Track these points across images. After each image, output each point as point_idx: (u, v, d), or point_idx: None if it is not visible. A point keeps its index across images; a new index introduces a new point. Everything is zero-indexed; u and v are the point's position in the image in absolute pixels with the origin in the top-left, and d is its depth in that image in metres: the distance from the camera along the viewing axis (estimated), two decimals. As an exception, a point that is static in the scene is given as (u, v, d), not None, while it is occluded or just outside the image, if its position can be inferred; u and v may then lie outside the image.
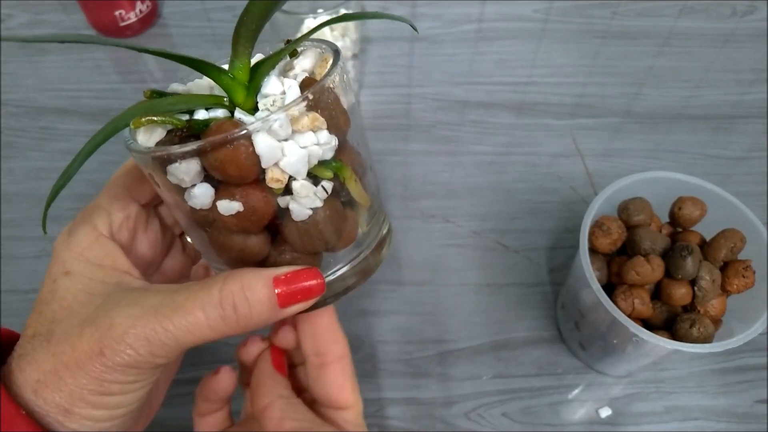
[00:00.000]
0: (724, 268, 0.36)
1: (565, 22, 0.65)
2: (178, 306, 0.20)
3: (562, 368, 0.42)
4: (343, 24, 0.48)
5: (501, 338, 0.43)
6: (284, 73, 0.22)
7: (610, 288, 0.37)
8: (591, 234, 0.37)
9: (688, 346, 0.32)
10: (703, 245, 0.37)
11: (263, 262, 0.22)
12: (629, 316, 0.34)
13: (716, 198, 0.38)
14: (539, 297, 0.45)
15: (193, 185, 0.19)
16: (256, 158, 0.19)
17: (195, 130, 0.20)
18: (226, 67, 0.22)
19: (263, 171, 0.19)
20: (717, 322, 0.36)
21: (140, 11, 0.61)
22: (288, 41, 0.23)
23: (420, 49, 0.62)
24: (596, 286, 0.34)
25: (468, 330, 0.44)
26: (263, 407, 0.25)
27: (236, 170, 0.19)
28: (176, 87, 0.23)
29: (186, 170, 0.19)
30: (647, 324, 0.36)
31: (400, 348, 0.43)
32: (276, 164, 0.19)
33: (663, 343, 0.32)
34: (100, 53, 0.62)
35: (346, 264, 0.24)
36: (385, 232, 0.26)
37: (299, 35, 0.48)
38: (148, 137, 0.20)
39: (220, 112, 0.21)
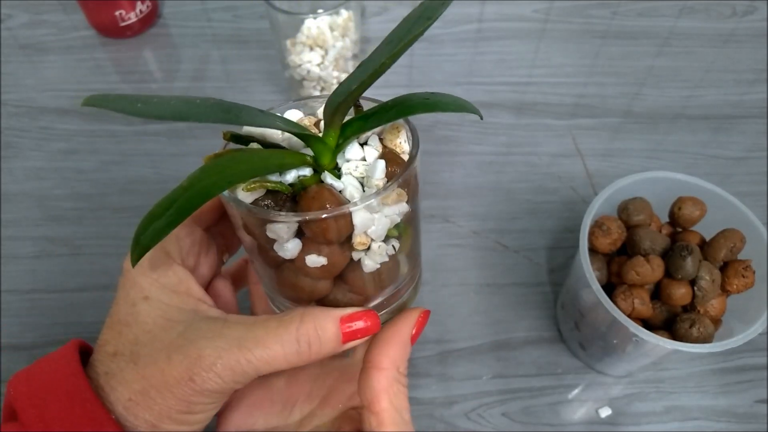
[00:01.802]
0: (724, 268, 0.36)
1: (565, 22, 0.65)
2: (259, 340, 0.22)
3: (562, 368, 0.42)
4: (342, 24, 0.48)
5: (501, 338, 0.43)
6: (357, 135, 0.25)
7: (610, 288, 0.37)
8: (591, 234, 0.37)
9: (688, 346, 0.32)
10: (703, 245, 0.37)
11: (322, 299, 0.25)
12: (629, 316, 0.34)
13: (716, 198, 0.38)
14: (539, 297, 0.45)
15: (287, 240, 0.22)
16: (352, 228, 0.22)
17: (294, 191, 0.22)
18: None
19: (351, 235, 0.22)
20: (717, 322, 0.36)
21: (140, 11, 0.61)
22: (359, 108, 0.26)
23: (420, 49, 0.62)
24: (596, 286, 0.34)
25: (468, 330, 0.44)
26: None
27: (334, 236, 0.22)
28: (249, 129, 0.25)
29: (286, 230, 0.21)
30: (647, 324, 0.36)
31: (400, 348, 0.43)
32: (364, 231, 0.22)
33: (663, 343, 0.32)
34: (100, 53, 0.62)
35: (386, 300, 0.27)
36: (419, 271, 0.30)
37: (299, 34, 0.48)
38: (248, 194, 0.22)
39: (307, 171, 0.23)
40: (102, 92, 0.60)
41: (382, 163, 0.24)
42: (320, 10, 0.47)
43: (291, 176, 0.23)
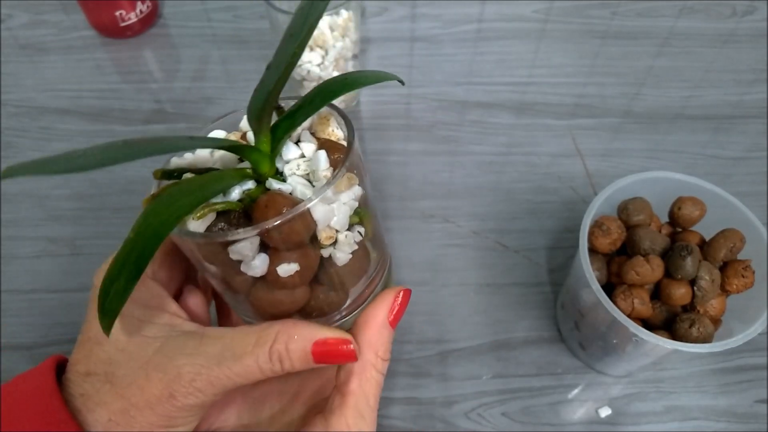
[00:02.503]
0: (724, 268, 0.36)
1: (565, 22, 0.65)
2: (237, 357, 0.22)
3: (562, 368, 0.42)
4: (342, 24, 0.48)
5: (501, 338, 0.43)
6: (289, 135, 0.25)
7: (609, 288, 0.37)
8: (591, 234, 0.37)
9: (688, 346, 0.32)
10: (703, 245, 0.37)
11: (304, 307, 0.25)
12: (629, 316, 0.34)
13: (716, 198, 0.38)
14: (539, 297, 0.45)
15: (253, 257, 0.21)
16: (314, 224, 0.21)
17: (244, 207, 0.22)
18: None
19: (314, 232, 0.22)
20: (717, 322, 0.36)
21: (140, 11, 0.61)
22: (281, 109, 0.25)
23: (420, 49, 0.62)
24: (596, 286, 0.34)
25: (468, 330, 0.44)
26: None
27: (298, 238, 0.21)
28: (177, 161, 0.24)
29: (250, 247, 0.21)
30: (647, 324, 0.36)
31: (400, 348, 0.43)
32: (327, 225, 0.22)
33: (663, 343, 0.32)
34: (100, 53, 0.62)
35: (365, 291, 0.27)
36: (388, 254, 0.29)
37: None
38: (199, 223, 0.21)
39: (250, 184, 0.23)
40: (102, 92, 0.60)
41: (323, 153, 0.23)
42: (320, 10, 0.47)
43: (236, 193, 0.22)
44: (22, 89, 0.58)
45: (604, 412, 0.40)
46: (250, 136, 0.24)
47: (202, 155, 0.25)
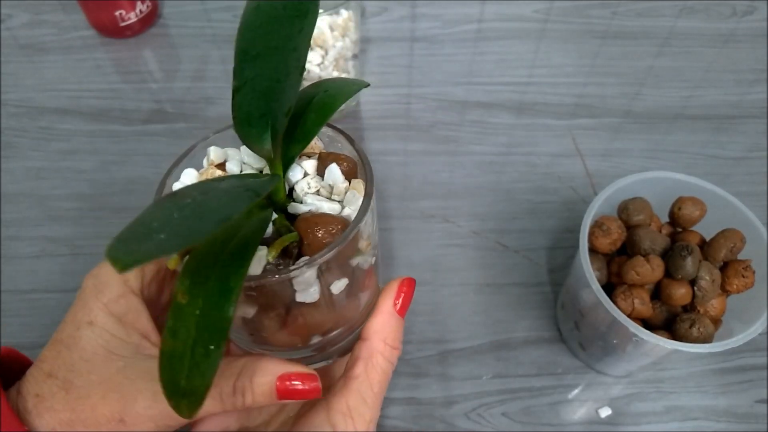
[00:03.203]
0: (724, 268, 0.36)
1: (565, 22, 0.65)
2: None
3: (562, 368, 0.42)
4: (342, 24, 0.48)
5: (501, 338, 0.43)
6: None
7: (609, 288, 0.37)
8: (591, 234, 0.37)
9: (688, 346, 0.32)
10: (703, 245, 0.37)
11: (348, 320, 0.26)
12: (629, 316, 0.34)
13: (716, 198, 0.38)
14: (539, 297, 0.45)
15: (313, 283, 0.22)
16: (359, 236, 0.22)
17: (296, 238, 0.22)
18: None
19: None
20: (717, 322, 0.36)
21: (140, 11, 0.61)
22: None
23: (420, 49, 0.62)
24: (596, 286, 0.34)
25: (468, 330, 0.44)
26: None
27: (351, 253, 0.22)
28: (212, 152, 0.24)
29: (312, 274, 0.21)
30: (647, 324, 0.36)
31: (400, 348, 0.43)
32: (368, 234, 0.23)
33: (663, 343, 0.32)
34: (100, 53, 0.62)
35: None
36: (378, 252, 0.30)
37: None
38: (258, 264, 0.21)
39: (271, 213, 0.22)
40: (102, 92, 0.59)
41: (335, 166, 0.23)
42: (320, 10, 0.47)
43: (270, 228, 0.22)
44: (22, 89, 0.58)
45: (605, 412, 0.40)
46: (231, 166, 0.23)
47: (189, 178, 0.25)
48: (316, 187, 0.23)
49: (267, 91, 0.21)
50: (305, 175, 0.24)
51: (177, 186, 0.22)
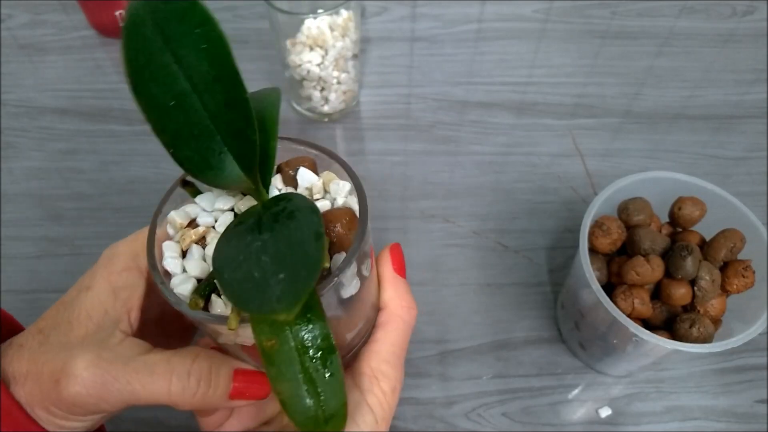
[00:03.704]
0: (724, 268, 0.36)
1: (565, 22, 0.65)
2: (150, 364, 0.21)
3: (562, 368, 0.42)
4: (342, 24, 0.48)
5: (501, 338, 0.43)
6: None
7: (610, 288, 0.37)
8: (591, 234, 0.37)
9: (688, 346, 0.32)
10: (703, 245, 0.37)
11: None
12: (629, 316, 0.34)
13: (716, 198, 0.38)
14: (539, 297, 0.45)
15: (353, 279, 0.22)
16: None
17: None
18: None
19: None
20: (717, 322, 0.36)
21: (140, 11, 0.61)
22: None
23: (420, 49, 0.62)
24: (596, 286, 0.34)
25: (468, 330, 0.44)
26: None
27: (369, 239, 0.23)
28: (174, 216, 0.23)
29: (354, 265, 0.21)
30: (647, 324, 0.36)
31: (400, 348, 0.43)
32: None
33: (663, 343, 0.32)
34: (100, 53, 0.62)
35: None
36: None
37: (299, 34, 0.48)
38: None
39: None
40: (102, 92, 0.59)
41: (303, 170, 0.24)
42: (320, 10, 0.47)
43: None
44: (22, 89, 0.58)
45: (605, 412, 0.40)
46: (204, 219, 0.23)
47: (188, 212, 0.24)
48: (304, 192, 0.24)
49: (204, 133, 0.21)
50: (279, 191, 0.24)
51: (170, 264, 0.22)
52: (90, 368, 0.21)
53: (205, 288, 0.21)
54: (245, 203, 0.23)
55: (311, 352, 0.17)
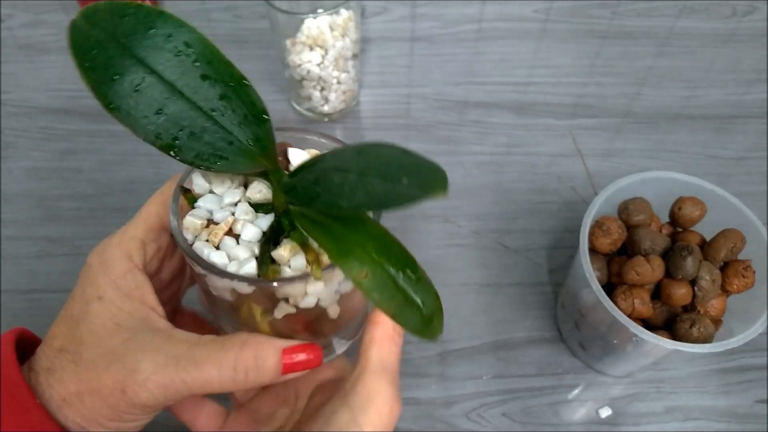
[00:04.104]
0: (724, 268, 0.36)
1: (565, 22, 0.65)
2: (197, 361, 0.22)
3: (562, 368, 0.42)
4: (342, 24, 0.48)
5: (501, 338, 0.43)
6: None
7: (610, 288, 0.37)
8: (591, 234, 0.37)
9: (688, 346, 0.32)
10: (703, 245, 0.37)
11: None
12: (629, 316, 0.34)
13: (716, 198, 0.38)
14: (539, 297, 0.45)
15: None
16: None
17: None
18: None
19: None
20: (717, 322, 0.36)
21: (140, 11, 0.61)
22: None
23: (420, 49, 0.62)
24: (596, 286, 0.34)
25: (468, 330, 0.44)
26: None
27: None
28: (193, 220, 0.24)
29: None
30: (647, 324, 0.36)
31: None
32: None
33: (663, 343, 0.32)
34: (100, 53, 0.62)
35: None
36: None
37: (299, 34, 0.48)
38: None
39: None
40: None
41: (294, 150, 0.25)
42: (320, 10, 0.47)
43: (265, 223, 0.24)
44: (22, 89, 0.58)
45: (605, 412, 0.40)
46: (220, 215, 0.24)
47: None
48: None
49: (204, 130, 0.22)
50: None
51: (217, 258, 0.23)
52: (154, 372, 0.22)
53: (268, 258, 0.22)
54: (254, 192, 0.24)
55: (396, 268, 0.20)
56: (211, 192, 0.25)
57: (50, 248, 0.47)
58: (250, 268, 0.22)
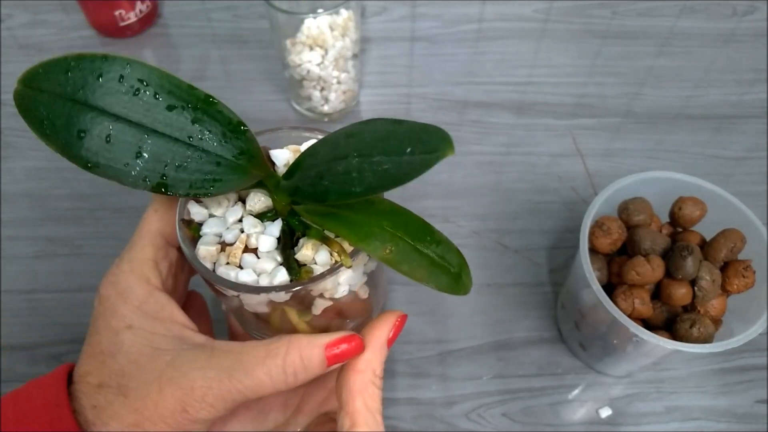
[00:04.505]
0: (724, 268, 0.36)
1: (565, 22, 0.65)
2: (248, 371, 0.23)
3: (562, 368, 0.42)
4: (342, 24, 0.48)
5: (501, 338, 0.43)
6: None
7: (610, 288, 0.37)
8: (591, 234, 0.37)
9: (688, 346, 0.32)
10: (703, 245, 0.37)
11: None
12: (629, 316, 0.34)
13: (716, 198, 0.38)
14: (539, 297, 0.45)
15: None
16: None
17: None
18: None
19: None
20: (717, 322, 0.36)
21: (140, 11, 0.61)
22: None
23: (420, 49, 0.62)
24: (596, 286, 0.34)
25: (468, 330, 0.44)
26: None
27: None
28: (207, 248, 0.24)
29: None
30: (647, 324, 0.36)
31: (400, 348, 0.43)
32: None
33: (663, 343, 0.32)
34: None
35: None
36: None
37: (299, 34, 0.48)
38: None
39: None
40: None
41: (278, 151, 0.26)
42: (320, 10, 0.47)
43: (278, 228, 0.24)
44: (22, 89, 0.58)
45: (605, 412, 0.40)
46: (230, 236, 0.24)
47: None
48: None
49: (188, 160, 0.22)
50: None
51: (245, 277, 0.23)
52: (210, 388, 0.22)
53: (295, 262, 0.23)
54: (253, 203, 0.24)
55: (414, 237, 0.21)
56: (211, 216, 0.25)
57: (50, 248, 0.47)
58: (283, 276, 0.22)
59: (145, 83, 0.22)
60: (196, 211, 0.24)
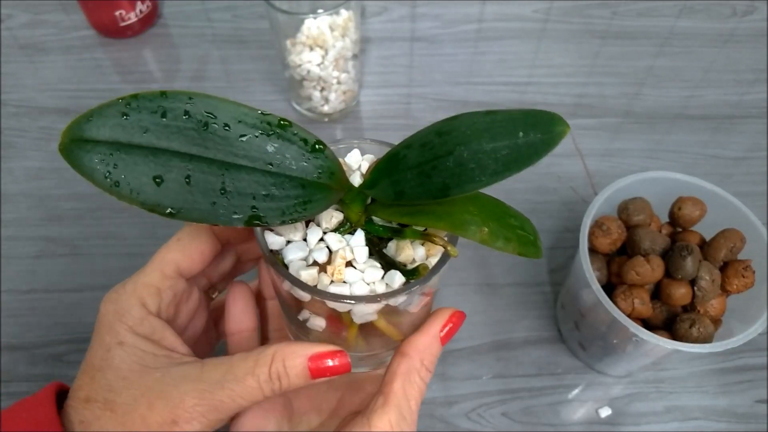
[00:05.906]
0: (724, 268, 0.36)
1: (565, 22, 0.65)
2: (239, 380, 0.23)
3: (562, 368, 0.42)
4: (342, 24, 0.48)
5: (501, 338, 0.43)
6: None
7: (610, 288, 0.37)
8: (591, 234, 0.37)
9: (688, 346, 0.32)
10: (703, 245, 0.37)
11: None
12: (629, 316, 0.34)
13: (716, 198, 0.38)
14: (539, 297, 0.45)
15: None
16: None
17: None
18: None
19: None
20: (717, 322, 0.36)
21: (140, 11, 0.61)
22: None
23: (420, 49, 0.62)
24: (596, 286, 0.34)
25: (468, 330, 0.44)
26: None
27: None
28: (310, 272, 0.24)
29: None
30: (647, 324, 0.36)
31: (400, 348, 0.43)
32: None
33: (663, 343, 0.32)
34: (100, 53, 0.62)
35: None
36: None
37: (299, 34, 0.48)
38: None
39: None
40: (102, 92, 0.59)
41: (354, 152, 0.27)
42: (320, 10, 0.47)
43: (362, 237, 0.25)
44: (22, 89, 0.58)
45: (605, 412, 0.40)
46: (319, 256, 0.24)
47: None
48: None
49: (272, 190, 0.22)
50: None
51: (360, 289, 0.23)
52: (201, 398, 0.22)
53: (400, 264, 0.24)
54: (328, 220, 0.24)
55: (497, 215, 0.22)
56: (288, 242, 0.24)
57: (50, 248, 0.47)
58: (400, 278, 0.22)
59: (213, 116, 0.21)
60: (272, 240, 0.24)
